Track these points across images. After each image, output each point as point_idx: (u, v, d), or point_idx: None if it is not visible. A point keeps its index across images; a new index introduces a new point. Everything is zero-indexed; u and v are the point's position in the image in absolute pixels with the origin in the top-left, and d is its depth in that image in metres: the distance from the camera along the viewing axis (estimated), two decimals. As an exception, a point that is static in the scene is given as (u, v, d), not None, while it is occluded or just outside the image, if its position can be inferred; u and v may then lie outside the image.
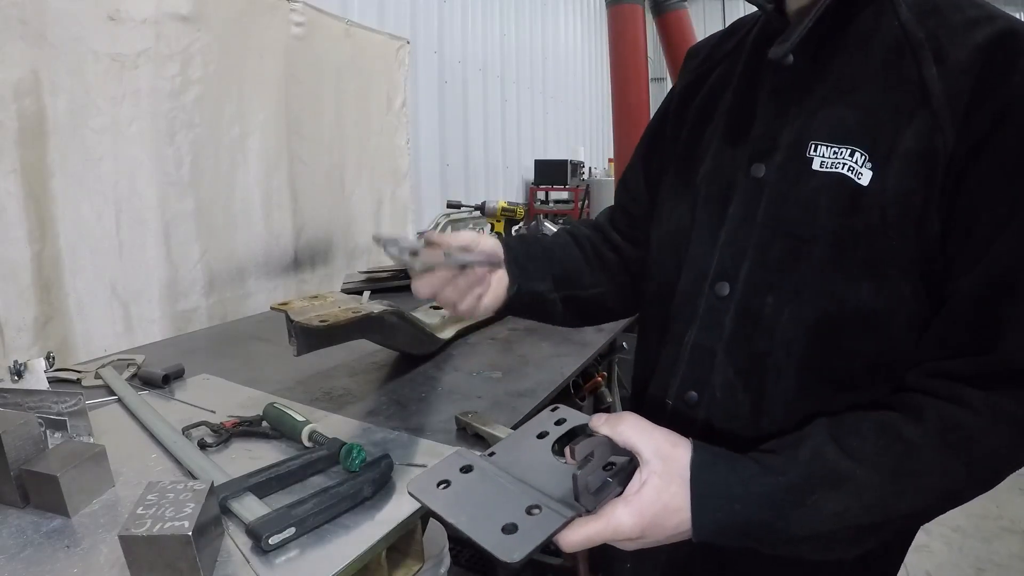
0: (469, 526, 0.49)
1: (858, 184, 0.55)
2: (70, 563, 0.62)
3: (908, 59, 0.55)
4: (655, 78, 5.33)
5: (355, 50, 2.74)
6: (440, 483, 0.54)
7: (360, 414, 1.03)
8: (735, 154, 0.65)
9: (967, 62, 0.52)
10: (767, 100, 0.64)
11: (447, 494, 0.53)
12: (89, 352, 1.64)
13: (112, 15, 1.70)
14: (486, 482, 0.54)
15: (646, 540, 0.52)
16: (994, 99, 0.50)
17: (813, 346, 0.58)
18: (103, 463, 0.76)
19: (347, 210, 2.78)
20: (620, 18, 4.27)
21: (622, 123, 4.37)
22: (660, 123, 0.81)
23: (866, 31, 0.58)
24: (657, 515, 0.50)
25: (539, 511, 0.50)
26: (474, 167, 4.84)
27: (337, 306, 1.05)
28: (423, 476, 0.55)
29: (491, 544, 0.47)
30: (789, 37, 0.60)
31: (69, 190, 1.64)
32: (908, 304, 0.55)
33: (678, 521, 0.51)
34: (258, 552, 0.63)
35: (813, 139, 0.58)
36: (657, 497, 0.51)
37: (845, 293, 0.56)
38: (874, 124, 0.55)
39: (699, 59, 0.78)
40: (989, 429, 0.49)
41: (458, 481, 0.54)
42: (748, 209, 0.62)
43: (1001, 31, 0.52)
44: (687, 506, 0.51)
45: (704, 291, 0.65)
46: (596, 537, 0.50)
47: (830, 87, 0.59)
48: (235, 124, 2.14)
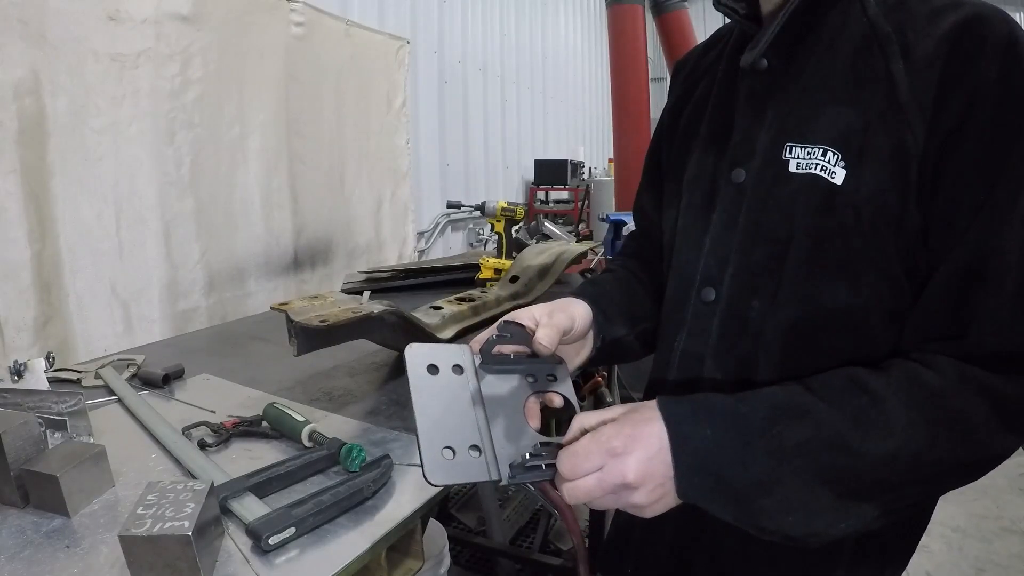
0: (423, 427, 0.51)
1: (832, 183, 0.55)
2: (70, 563, 0.62)
3: (876, 54, 0.55)
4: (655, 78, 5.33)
5: (355, 50, 2.74)
6: (431, 366, 0.55)
7: (360, 414, 1.03)
8: (716, 160, 0.66)
9: (933, 53, 0.51)
10: (744, 105, 0.64)
11: (429, 383, 0.54)
12: (89, 352, 1.64)
13: (112, 15, 1.70)
14: (461, 395, 0.55)
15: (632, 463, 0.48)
16: (961, 88, 0.50)
17: (792, 347, 0.58)
18: (103, 463, 0.76)
19: (347, 210, 2.78)
20: (620, 18, 4.28)
21: (622, 123, 4.38)
22: (657, 143, 0.81)
23: (836, 29, 0.58)
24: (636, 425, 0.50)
25: (477, 455, 0.52)
26: (474, 167, 4.84)
27: (337, 306, 1.04)
28: (426, 348, 0.56)
29: (428, 456, 0.49)
30: (759, 43, 0.61)
31: (69, 190, 1.64)
32: (886, 302, 0.55)
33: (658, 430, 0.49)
34: (258, 552, 0.63)
35: (788, 141, 0.58)
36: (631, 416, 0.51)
37: (822, 294, 0.56)
38: (845, 122, 0.55)
39: (685, 72, 0.79)
40: (955, 390, 0.48)
41: (444, 377, 0.55)
42: (730, 215, 0.63)
43: (966, 17, 0.51)
44: (660, 416, 0.50)
45: (691, 297, 0.66)
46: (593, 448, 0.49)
47: (802, 88, 0.59)
48: (235, 124, 2.15)
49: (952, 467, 0.50)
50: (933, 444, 0.48)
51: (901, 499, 0.51)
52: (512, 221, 2.04)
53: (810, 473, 0.48)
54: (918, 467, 0.49)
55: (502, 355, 0.58)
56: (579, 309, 0.67)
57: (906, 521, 0.64)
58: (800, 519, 0.49)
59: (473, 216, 4.43)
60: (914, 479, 0.50)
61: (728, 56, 0.70)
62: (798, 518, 0.49)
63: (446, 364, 0.56)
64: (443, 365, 0.56)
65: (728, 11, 0.67)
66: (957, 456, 0.49)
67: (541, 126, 6.30)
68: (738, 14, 0.66)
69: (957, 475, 0.51)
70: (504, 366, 0.58)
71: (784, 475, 0.48)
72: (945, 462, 0.49)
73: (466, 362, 0.57)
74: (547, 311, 0.63)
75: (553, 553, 1.93)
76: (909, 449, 0.48)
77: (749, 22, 0.66)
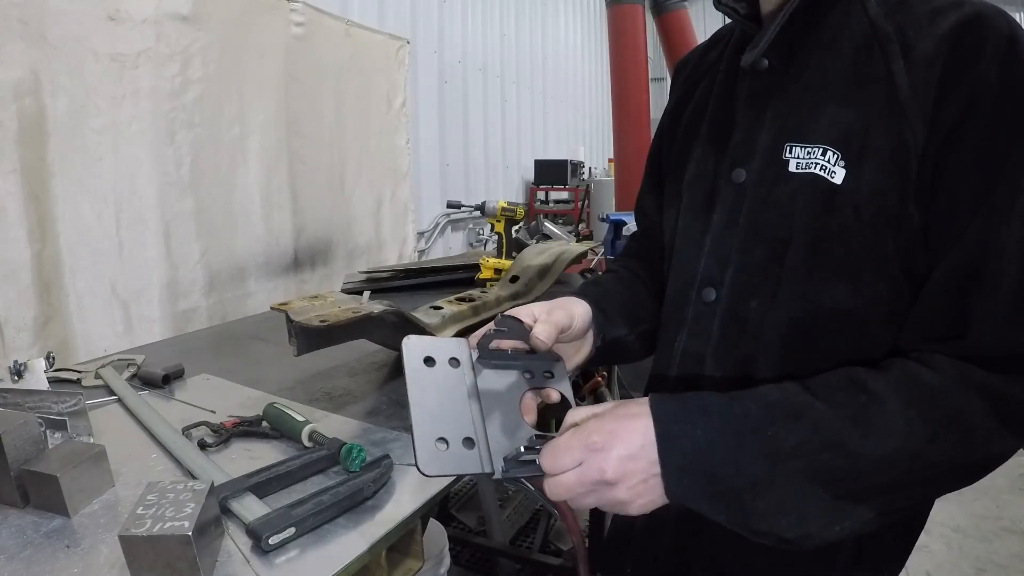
0: (417, 418, 0.51)
1: (831, 183, 0.54)
2: (70, 563, 0.62)
3: (876, 55, 0.54)
4: (655, 78, 5.33)
5: (355, 50, 2.74)
6: (428, 359, 0.55)
7: (360, 414, 1.03)
8: (717, 161, 0.66)
9: (933, 53, 0.51)
10: (745, 105, 0.64)
11: (425, 375, 0.54)
12: (89, 352, 1.64)
13: (112, 15, 1.70)
14: (457, 388, 0.55)
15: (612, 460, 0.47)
16: (961, 88, 0.49)
17: (791, 347, 0.58)
18: (103, 463, 0.76)
19: (347, 210, 2.78)
20: (620, 18, 4.28)
21: (622, 123, 4.38)
22: (658, 144, 0.81)
23: (836, 29, 0.58)
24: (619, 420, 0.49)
25: (470, 449, 0.52)
26: (474, 167, 4.84)
27: (337, 306, 1.04)
28: (424, 340, 0.56)
29: (421, 447, 0.50)
30: (759, 43, 0.61)
31: (69, 190, 1.64)
32: (884, 303, 0.54)
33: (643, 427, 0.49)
34: (258, 552, 0.63)
35: (788, 141, 0.58)
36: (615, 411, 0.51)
37: (820, 295, 0.56)
38: (845, 122, 0.55)
39: (685, 73, 0.79)
40: (954, 390, 0.48)
41: (440, 369, 0.55)
42: (731, 215, 0.63)
43: (966, 17, 0.50)
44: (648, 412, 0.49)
45: (692, 297, 0.66)
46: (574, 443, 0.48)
47: (803, 88, 0.59)
48: (235, 124, 2.15)
49: (951, 468, 0.49)
50: (932, 444, 0.48)
51: (899, 500, 0.50)
52: (512, 221, 2.04)
53: (806, 475, 0.48)
54: (917, 468, 0.48)
55: (500, 350, 0.58)
56: (579, 308, 0.67)
57: (903, 522, 0.64)
58: (794, 521, 0.48)
59: (473, 216, 4.43)
60: (912, 480, 0.49)
61: (728, 56, 0.70)
62: (792, 520, 0.48)
63: (443, 357, 0.56)
64: (440, 358, 0.56)
65: (728, 11, 0.67)
66: (956, 457, 0.48)
67: (541, 126, 6.30)
68: (738, 14, 0.66)
69: (956, 476, 0.50)
70: (501, 361, 0.58)
71: (779, 477, 0.48)
72: (944, 463, 0.48)
73: (463, 356, 0.57)
74: (546, 309, 0.62)
75: (553, 553, 1.93)
76: (908, 449, 0.47)
77: (749, 22, 0.66)
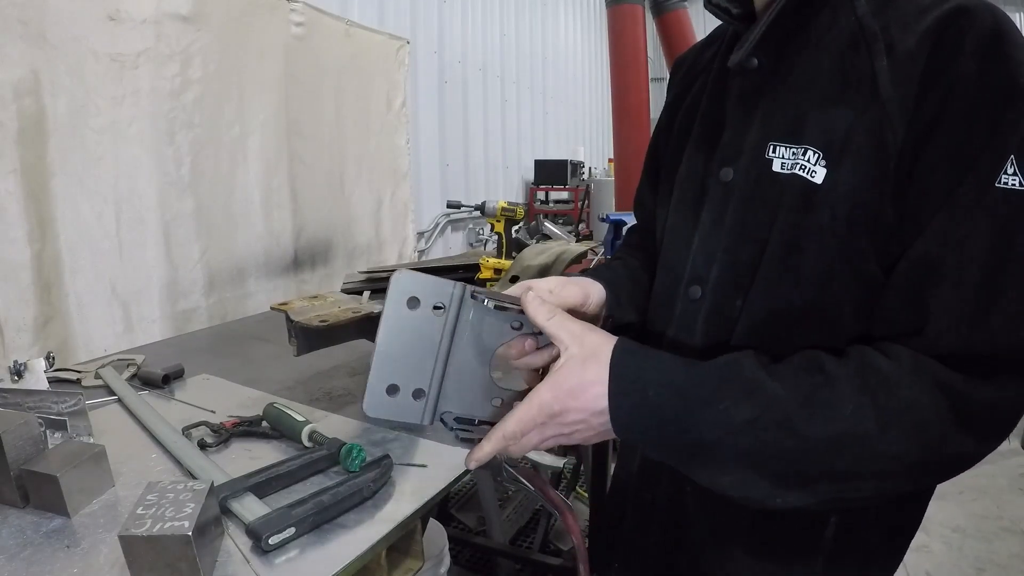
0: (377, 360, 0.52)
1: (812, 183, 0.54)
2: (70, 563, 0.62)
3: (862, 53, 0.54)
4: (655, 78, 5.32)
5: (355, 50, 2.74)
6: (413, 299, 0.53)
7: (360, 414, 1.03)
8: (706, 159, 0.66)
9: (916, 49, 0.50)
10: (735, 104, 0.64)
11: (401, 318, 0.53)
12: (89, 352, 1.64)
13: (112, 15, 1.70)
14: (429, 337, 0.54)
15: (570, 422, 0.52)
16: (940, 84, 0.49)
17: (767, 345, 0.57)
18: (103, 463, 0.76)
19: (347, 210, 2.78)
20: (620, 18, 4.27)
21: (622, 123, 4.37)
22: (656, 140, 0.82)
23: (824, 28, 0.58)
24: (574, 388, 0.51)
25: (417, 400, 0.53)
26: (474, 167, 4.84)
27: (337, 306, 1.05)
28: (416, 279, 0.54)
29: (370, 389, 0.51)
30: (745, 42, 0.61)
31: (69, 190, 1.64)
32: (860, 300, 0.54)
33: (595, 394, 0.51)
34: (258, 552, 0.63)
35: (773, 140, 0.58)
36: (573, 371, 0.52)
37: (791, 293, 0.57)
38: (828, 121, 0.55)
39: (683, 69, 0.79)
40: (908, 380, 0.47)
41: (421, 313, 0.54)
42: (718, 214, 0.63)
43: (950, 11, 0.50)
44: (604, 380, 0.51)
45: (679, 294, 0.66)
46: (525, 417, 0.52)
47: (790, 87, 0.59)
48: (235, 124, 2.15)
49: (905, 465, 0.48)
50: (883, 434, 0.47)
51: (847, 491, 0.50)
52: (512, 221, 2.04)
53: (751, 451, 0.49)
54: (866, 457, 0.48)
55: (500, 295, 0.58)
56: (594, 288, 0.69)
57: (891, 521, 0.63)
58: (736, 483, 0.51)
59: (473, 216, 4.43)
60: (861, 471, 0.48)
61: (722, 55, 0.70)
62: (734, 482, 0.51)
63: (428, 301, 0.54)
64: (425, 301, 0.54)
65: (717, 11, 0.67)
66: (910, 452, 0.47)
67: (541, 126, 6.30)
68: (730, 14, 0.66)
69: (912, 475, 0.49)
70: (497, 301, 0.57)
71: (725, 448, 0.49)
72: (897, 457, 0.47)
73: (452, 300, 0.55)
74: (561, 283, 0.64)
75: (553, 553, 1.93)
76: (855, 435, 0.47)
77: (742, 22, 0.66)
